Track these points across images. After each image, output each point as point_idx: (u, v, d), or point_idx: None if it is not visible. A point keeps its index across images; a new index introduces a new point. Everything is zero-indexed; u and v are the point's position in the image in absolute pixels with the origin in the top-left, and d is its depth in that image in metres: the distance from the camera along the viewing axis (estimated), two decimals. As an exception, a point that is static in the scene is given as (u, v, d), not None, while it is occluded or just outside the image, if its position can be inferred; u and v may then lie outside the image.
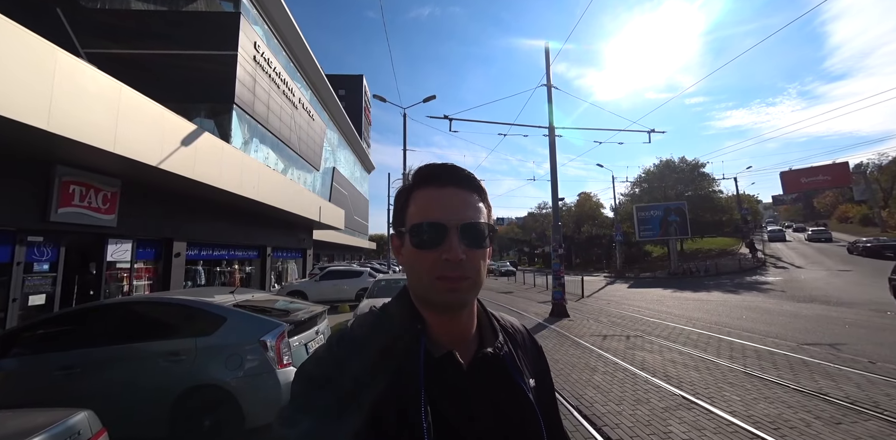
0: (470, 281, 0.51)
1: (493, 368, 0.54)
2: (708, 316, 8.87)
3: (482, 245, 0.52)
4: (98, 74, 5.67)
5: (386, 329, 0.54)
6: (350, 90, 55.54)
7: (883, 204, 38.70)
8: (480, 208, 0.55)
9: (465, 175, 0.55)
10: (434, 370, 0.49)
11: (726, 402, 3.38)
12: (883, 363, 4.57)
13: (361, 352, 0.50)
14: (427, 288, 0.51)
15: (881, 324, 7.17)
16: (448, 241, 0.50)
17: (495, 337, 0.58)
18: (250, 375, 2.65)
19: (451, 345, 0.53)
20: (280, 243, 15.37)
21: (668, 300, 12.31)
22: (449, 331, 0.54)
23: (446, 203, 0.52)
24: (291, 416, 0.45)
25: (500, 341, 0.57)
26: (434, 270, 0.50)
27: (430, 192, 0.54)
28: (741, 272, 21.14)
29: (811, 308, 9.66)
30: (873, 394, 3.50)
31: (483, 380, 0.52)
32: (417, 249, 0.51)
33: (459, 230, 0.50)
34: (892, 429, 2.82)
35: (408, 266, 0.54)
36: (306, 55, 21.14)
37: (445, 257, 0.49)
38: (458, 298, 0.51)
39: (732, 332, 6.68)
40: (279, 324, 2.83)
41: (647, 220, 25.51)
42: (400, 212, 0.57)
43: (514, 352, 0.58)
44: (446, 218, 0.51)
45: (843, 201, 52.31)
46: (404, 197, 0.56)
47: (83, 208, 6.66)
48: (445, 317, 0.54)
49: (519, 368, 0.57)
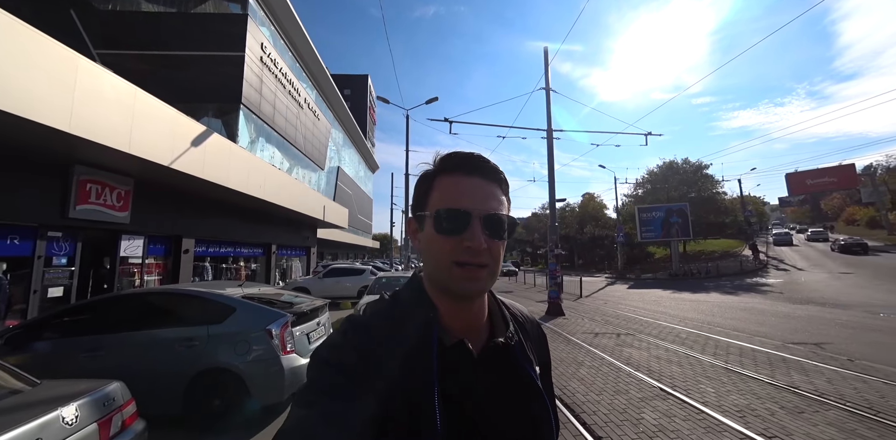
0: (488, 270, 0.52)
1: (503, 357, 0.55)
2: (702, 316, 9.03)
3: (503, 236, 0.53)
4: (115, 79, 5.98)
5: (398, 316, 0.54)
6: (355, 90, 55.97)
7: (890, 206, 38.31)
8: (503, 200, 0.55)
9: (491, 166, 0.56)
10: (446, 358, 0.50)
11: (701, 394, 3.60)
12: (861, 361, 4.75)
13: (375, 338, 0.51)
14: (446, 274, 0.52)
15: (871, 325, 7.30)
16: (471, 229, 0.50)
17: (506, 326, 0.59)
18: (257, 360, 2.93)
19: (462, 333, 0.54)
20: (285, 241, 15.73)
21: (666, 301, 12.45)
22: (461, 319, 0.55)
23: (472, 191, 0.53)
24: (307, 397, 0.46)
25: (511, 331, 0.58)
26: (454, 255, 0.51)
27: (457, 179, 0.54)
28: (742, 274, 21.14)
29: (805, 309, 9.77)
30: (841, 388, 3.69)
31: (494, 368, 0.53)
32: (439, 234, 0.52)
33: (483, 220, 0.51)
34: (850, 417, 3.03)
35: (426, 250, 0.55)
36: (312, 56, 21.47)
37: (468, 244, 0.50)
38: (476, 286, 0.51)
39: (722, 332, 6.86)
40: (283, 315, 3.11)
41: (649, 222, 25.57)
42: (423, 196, 0.57)
43: (523, 342, 0.59)
44: (472, 206, 0.51)
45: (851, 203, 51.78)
46: (428, 182, 0.56)
47: (99, 205, 6.99)
48: (459, 304, 0.54)
49: (528, 357, 0.57)
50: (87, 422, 1.61)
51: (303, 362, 3.13)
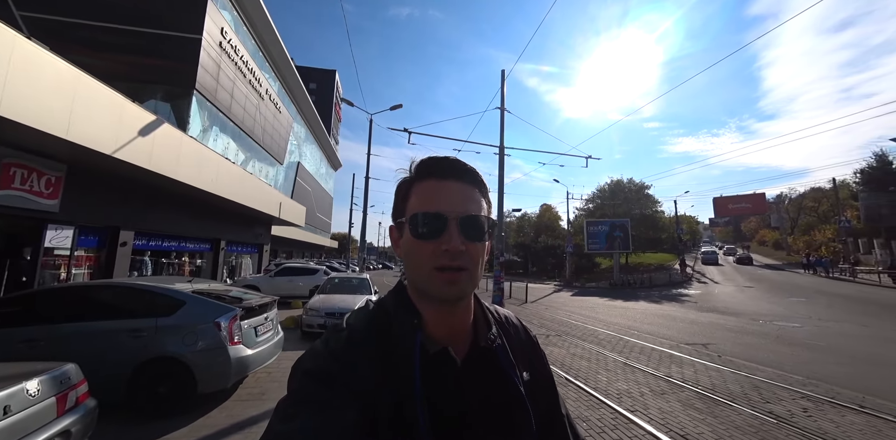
0: (468, 273, 0.51)
1: (486, 362, 0.55)
2: (625, 321, 10.22)
3: (481, 238, 0.53)
4: (56, 61, 5.72)
5: (382, 324, 0.54)
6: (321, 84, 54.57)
7: (790, 231, 44.85)
8: (481, 203, 0.55)
9: (467, 169, 0.56)
10: (429, 366, 0.49)
11: (595, 382, 4.36)
12: (726, 357, 5.88)
13: (358, 346, 0.50)
14: (426, 279, 0.52)
15: (749, 330, 8.80)
16: (448, 233, 0.50)
17: (489, 331, 0.58)
18: (204, 350, 3.15)
19: (447, 339, 0.53)
20: (235, 237, 15.14)
21: (601, 307, 13.76)
22: (445, 325, 0.54)
23: (447, 195, 0.53)
24: (288, 411, 0.45)
25: (492, 333, 0.57)
26: (433, 261, 0.50)
27: (432, 183, 0.54)
28: (670, 285, 23.65)
29: (708, 316, 11.40)
30: (701, 377, 4.65)
31: (477, 374, 0.53)
32: (417, 239, 0.52)
33: (459, 222, 0.51)
34: (695, 396, 3.93)
35: (406, 257, 0.54)
36: (277, 45, 20.88)
37: (445, 248, 0.50)
38: (456, 290, 0.51)
39: (636, 334, 7.92)
40: (232, 309, 3.36)
41: (596, 234, 27.73)
42: (400, 203, 0.57)
43: (506, 346, 0.58)
44: (447, 209, 0.51)
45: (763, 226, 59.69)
46: (405, 189, 0.56)
47: (24, 192, 6.53)
48: (442, 309, 0.54)
49: (511, 362, 0.56)
50: (46, 396, 1.82)
51: (249, 353, 3.38)
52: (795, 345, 6.94)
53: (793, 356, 6.12)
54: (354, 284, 8.69)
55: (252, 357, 3.38)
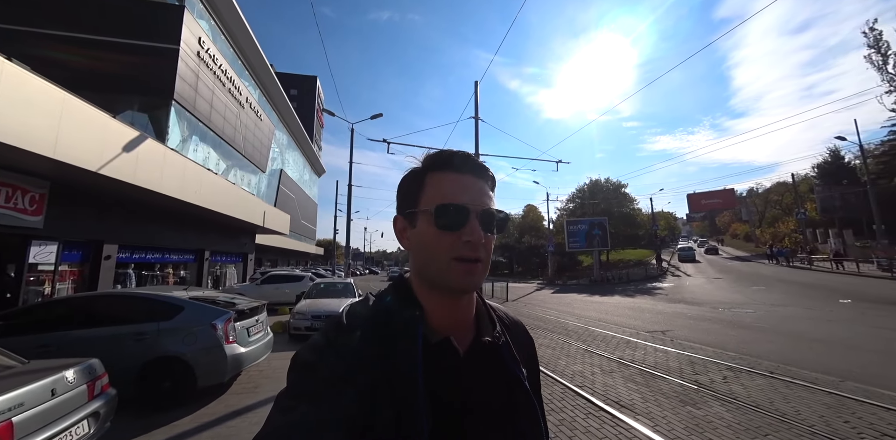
0: (483, 264, 0.53)
1: (490, 357, 0.55)
2: (597, 314, 10.94)
3: (497, 231, 0.55)
4: (44, 85, 5.97)
5: (382, 315, 0.54)
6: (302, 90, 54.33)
7: (758, 224, 47.35)
8: (492, 197, 0.58)
9: (481, 165, 0.58)
10: (431, 356, 0.49)
11: (555, 366, 4.95)
12: (679, 340, 6.60)
13: (357, 338, 0.50)
14: (443, 269, 0.52)
15: (708, 317, 9.64)
16: (470, 224, 0.52)
17: (493, 326, 0.59)
18: (203, 349, 3.57)
19: (449, 332, 0.54)
20: (220, 247, 15.23)
21: (577, 303, 14.51)
22: (448, 318, 0.55)
23: (468, 188, 0.54)
24: (286, 402, 0.45)
25: (498, 330, 0.58)
26: (452, 251, 0.51)
27: (451, 176, 0.55)
28: (646, 279, 24.77)
29: (675, 307, 12.26)
30: (648, 358, 5.32)
31: (480, 367, 0.53)
32: (440, 230, 0.52)
33: (480, 215, 0.53)
34: (638, 373, 4.58)
35: (422, 247, 0.55)
36: (256, 53, 21.00)
37: (467, 239, 0.51)
38: (472, 281, 0.52)
39: (603, 325, 8.61)
40: (226, 312, 3.78)
41: (576, 233, 28.74)
42: (413, 193, 0.57)
43: (510, 342, 0.59)
44: (470, 202, 0.53)
45: (735, 220, 62.62)
46: (419, 179, 0.57)
47: (8, 209, 6.68)
48: (448, 301, 0.55)
49: (515, 358, 0.57)
50: (80, 384, 2.23)
51: (243, 351, 3.80)
52: (742, 328, 7.76)
53: (736, 337, 6.90)
54: (339, 289, 9.10)
55: (245, 354, 3.79)
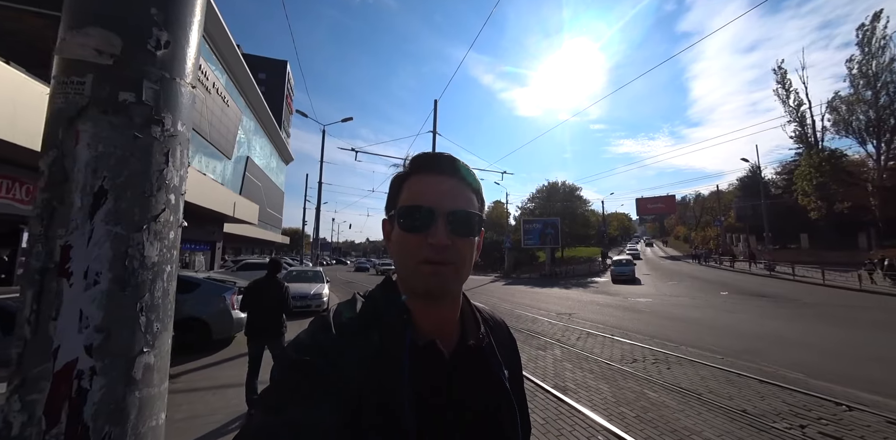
0: (453, 267, 0.52)
1: (474, 359, 0.56)
2: (529, 301, 13.04)
3: (469, 234, 0.54)
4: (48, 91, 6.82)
5: (370, 316, 0.54)
6: (271, 74, 52.85)
7: (695, 227, 53.24)
8: (472, 199, 0.57)
9: (460, 165, 0.57)
10: (417, 359, 0.50)
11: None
12: (577, 318, 8.75)
13: (345, 338, 0.50)
14: (411, 272, 0.53)
15: (613, 304, 12.04)
16: (435, 226, 0.51)
17: (478, 329, 0.59)
18: (216, 312, 5.01)
19: (434, 335, 0.54)
20: (188, 235, 15.82)
21: (519, 293, 16.67)
22: (433, 321, 0.55)
23: (438, 190, 0.54)
24: (271, 402, 0.45)
25: (482, 332, 0.59)
26: (419, 254, 0.51)
27: (424, 178, 0.55)
28: (589, 275, 27.87)
29: (595, 297, 14.73)
30: (539, 328, 7.34)
31: (465, 370, 0.54)
32: (405, 232, 0.53)
33: (447, 217, 0.52)
34: (528, 336, 6.51)
35: (395, 250, 0.55)
36: (224, 37, 20.60)
37: (431, 241, 0.51)
38: (440, 283, 0.52)
39: (527, 309, 10.69)
40: (231, 287, 5.22)
41: (531, 231, 31.43)
42: (393, 198, 0.58)
43: (493, 344, 0.60)
44: (436, 203, 0.52)
45: (679, 223, 69.32)
46: (399, 183, 0.58)
47: (8, 200, 7.46)
48: (429, 304, 0.55)
49: (499, 360, 0.58)
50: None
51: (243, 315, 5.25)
52: (633, 312, 10.13)
53: (623, 318, 9.17)
54: (310, 275, 10.57)
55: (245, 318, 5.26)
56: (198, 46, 1.13)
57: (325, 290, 9.42)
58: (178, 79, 0.94)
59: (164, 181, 0.88)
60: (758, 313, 9.58)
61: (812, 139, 28.69)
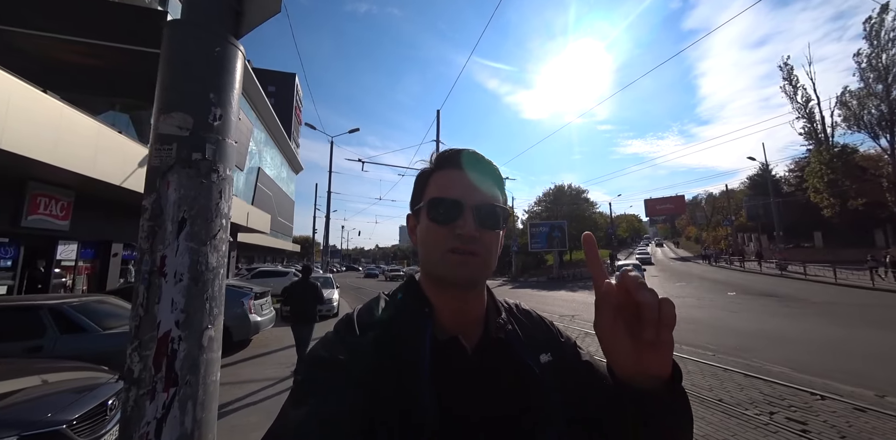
0: (480, 259, 0.53)
1: (498, 350, 0.55)
2: (537, 305, 13.17)
3: (495, 226, 0.55)
4: (85, 119, 7.46)
5: (393, 313, 0.55)
6: (280, 87, 54.40)
7: (706, 228, 52.44)
8: (496, 193, 0.58)
9: (486, 162, 0.59)
10: (439, 353, 0.50)
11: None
12: (576, 319, 8.95)
13: (369, 336, 0.51)
14: (438, 261, 0.54)
15: (617, 306, 12.17)
16: (463, 218, 0.53)
17: (498, 315, 0.59)
18: (236, 317, 5.43)
19: (457, 329, 0.54)
20: (205, 245, 16.47)
21: (526, 296, 16.84)
22: (457, 314, 0.56)
23: (464, 183, 0.56)
24: (300, 397, 0.46)
25: (502, 318, 0.59)
26: (447, 244, 0.53)
27: (450, 173, 0.57)
28: (597, 277, 27.82)
29: (601, 299, 14.84)
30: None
31: (489, 362, 0.53)
32: (433, 223, 0.54)
33: (474, 209, 0.53)
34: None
35: (422, 241, 0.57)
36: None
37: (459, 232, 0.52)
38: (467, 272, 0.53)
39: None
40: (249, 293, 5.66)
41: (537, 235, 31.47)
42: (419, 192, 0.60)
43: (517, 330, 0.59)
44: (463, 196, 0.54)
45: (690, 223, 68.32)
46: (424, 178, 0.60)
47: (46, 216, 8.10)
48: (455, 296, 0.55)
49: (524, 345, 0.57)
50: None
51: (259, 319, 5.69)
52: (634, 313, 10.24)
53: (622, 318, 9.34)
54: (321, 282, 10.99)
55: (261, 322, 5.68)
56: (237, 107, 1.57)
57: (335, 296, 9.84)
58: (226, 138, 1.37)
59: (219, 211, 1.29)
60: (760, 312, 9.64)
61: (822, 135, 28.31)
